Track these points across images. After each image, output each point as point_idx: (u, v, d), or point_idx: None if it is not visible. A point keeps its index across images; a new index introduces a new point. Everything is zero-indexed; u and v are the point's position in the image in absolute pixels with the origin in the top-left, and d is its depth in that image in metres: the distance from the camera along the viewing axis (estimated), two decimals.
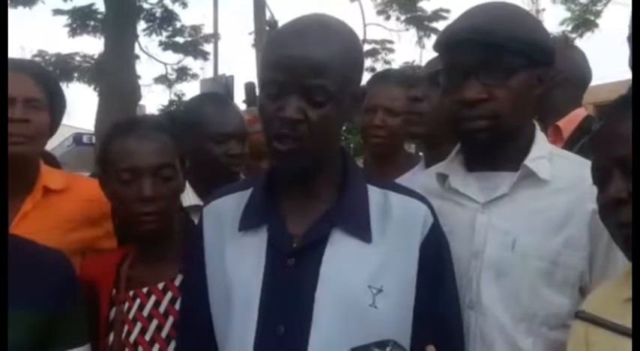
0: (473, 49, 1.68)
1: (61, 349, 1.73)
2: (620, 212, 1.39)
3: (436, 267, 1.59)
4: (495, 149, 1.74)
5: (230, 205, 1.66)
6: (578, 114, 2.98)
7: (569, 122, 2.91)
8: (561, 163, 1.76)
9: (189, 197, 2.45)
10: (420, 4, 19.78)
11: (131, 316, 1.89)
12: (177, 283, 1.87)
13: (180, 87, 19.84)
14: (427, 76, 2.23)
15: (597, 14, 15.85)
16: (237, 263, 1.58)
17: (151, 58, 17.57)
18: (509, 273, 1.67)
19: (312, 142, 1.51)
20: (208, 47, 18.34)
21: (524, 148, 1.75)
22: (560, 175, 1.72)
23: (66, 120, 2.45)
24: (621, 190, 1.37)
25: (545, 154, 1.75)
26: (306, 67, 1.48)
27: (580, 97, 3.08)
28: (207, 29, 18.55)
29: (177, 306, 1.84)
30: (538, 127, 1.81)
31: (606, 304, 1.47)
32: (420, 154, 3.02)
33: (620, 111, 1.45)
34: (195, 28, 18.07)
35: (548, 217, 1.68)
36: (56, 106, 2.26)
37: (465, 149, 1.83)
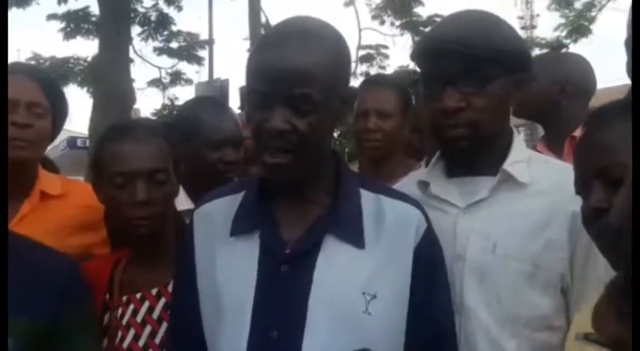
0: (450, 59, 1.70)
1: None
2: (601, 221, 1.38)
3: (430, 272, 1.59)
4: (475, 155, 1.77)
5: (221, 208, 1.65)
6: None
7: None
8: (541, 167, 1.78)
9: (182, 201, 2.44)
10: (415, 10, 19.79)
11: (124, 321, 1.88)
12: (170, 288, 1.85)
13: (174, 91, 19.77)
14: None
15: (591, 20, 15.88)
16: (229, 268, 1.57)
17: (145, 61, 17.54)
18: (491, 276, 1.69)
19: (302, 151, 1.50)
20: (203, 52, 18.33)
21: (502, 153, 1.77)
22: (539, 178, 1.75)
23: None
24: (601, 201, 1.37)
25: (523, 159, 1.78)
26: (290, 77, 1.46)
27: (587, 106, 3.09)
28: (202, 34, 18.56)
29: None
30: (516, 133, 1.84)
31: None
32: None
33: (599, 120, 1.44)
34: (190, 35, 18.04)
35: (528, 219, 1.70)
36: (58, 112, 2.26)
37: (445, 156, 1.85)
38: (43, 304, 1.67)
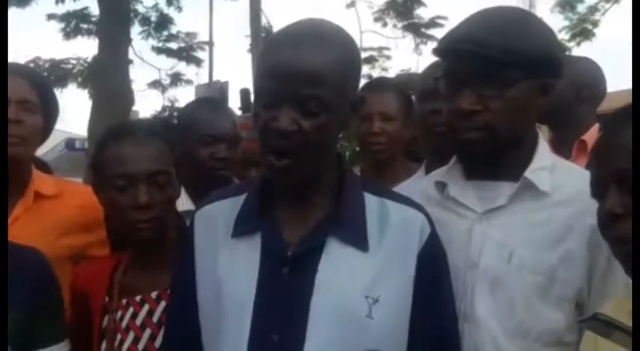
0: (469, 60, 1.63)
1: (43, 346, 1.73)
2: (616, 227, 1.36)
3: (433, 277, 1.57)
4: (493, 159, 1.71)
5: (223, 210, 1.64)
6: (597, 128, 2.96)
7: (592, 136, 2.91)
8: (563, 175, 1.71)
9: (183, 202, 2.42)
10: (417, 12, 19.83)
11: (124, 324, 1.87)
12: None
13: (174, 92, 19.77)
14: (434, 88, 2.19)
15: (595, 23, 15.90)
16: (229, 270, 1.56)
17: (145, 62, 17.55)
18: (504, 286, 1.64)
19: (306, 152, 1.49)
20: (203, 54, 18.34)
21: (525, 159, 1.71)
22: (561, 187, 1.67)
23: (58, 125, 2.45)
24: (617, 205, 1.34)
25: (547, 165, 1.71)
26: (299, 77, 1.45)
27: (596, 111, 3.07)
28: (202, 35, 18.57)
29: None
30: (541, 137, 1.77)
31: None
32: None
33: (617, 122, 1.42)
34: (190, 35, 18.06)
35: (547, 230, 1.64)
36: (49, 109, 2.26)
37: (461, 159, 1.80)
38: (22, 299, 1.67)
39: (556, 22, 15.66)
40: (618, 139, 1.38)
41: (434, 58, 1.92)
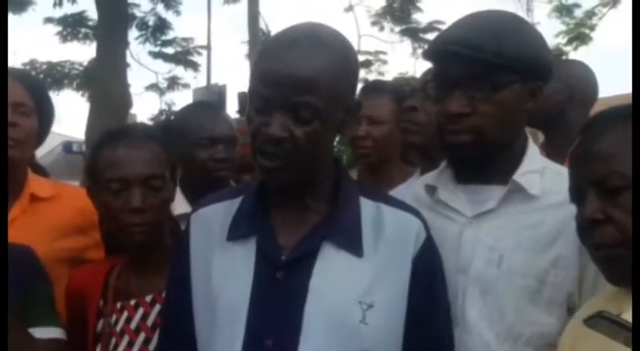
0: (459, 62, 1.62)
1: (38, 325, 1.76)
2: (595, 233, 1.36)
3: (428, 282, 1.57)
4: (483, 163, 1.70)
5: (219, 213, 1.63)
6: None
7: None
8: (554, 179, 1.68)
9: (180, 205, 2.42)
10: (415, 16, 19.85)
11: (118, 328, 1.86)
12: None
13: (171, 96, 19.73)
14: (420, 88, 2.20)
15: (592, 28, 15.90)
16: (224, 274, 1.55)
17: (142, 66, 17.53)
18: (494, 290, 1.63)
19: (298, 158, 1.48)
20: (200, 58, 18.30)
21: (515, 162, 1.70)
22: (551, 190, 1.65)
23: (55, 127, 2.44)
24: (596, 211, 1.34)
25: (537, 169, 1.70)
26: (293, 84, 1.44)
27: (588, 115, 3.05)
28: (201, 38, 18.55)
29: None
30: (531, 141, 1.77)
31: None
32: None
33: (596, 128, 1.41)
34: (187, 40, 18.03)
35: (537, 234, 1.63)
36: (45, 113, 2.26)
37: (450, 162, 1.79)
38: (12, 289, 1.66)
39: (553, 27, 15.66)
40: (597, 145, 1.38)
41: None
